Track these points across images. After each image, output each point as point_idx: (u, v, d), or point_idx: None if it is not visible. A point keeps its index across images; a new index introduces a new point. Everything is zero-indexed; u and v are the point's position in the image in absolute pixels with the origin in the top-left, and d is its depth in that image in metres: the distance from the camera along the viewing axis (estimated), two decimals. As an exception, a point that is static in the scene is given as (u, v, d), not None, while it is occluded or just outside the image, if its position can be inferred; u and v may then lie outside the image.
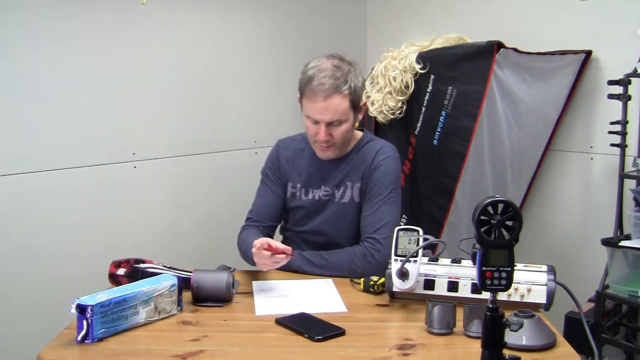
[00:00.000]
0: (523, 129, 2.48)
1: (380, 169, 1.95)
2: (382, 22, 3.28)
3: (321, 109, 1.86)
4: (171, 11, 2.59)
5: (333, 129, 1.89)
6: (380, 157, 1.97)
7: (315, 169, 2.02)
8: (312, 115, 1.89)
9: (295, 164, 2.05)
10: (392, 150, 2.01)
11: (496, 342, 1.18)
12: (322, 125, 1.88)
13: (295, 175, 2.04)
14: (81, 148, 2.38)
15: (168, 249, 2.61)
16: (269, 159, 2.10)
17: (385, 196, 1.93)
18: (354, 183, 1.98)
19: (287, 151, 2.08)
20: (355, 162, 1.99)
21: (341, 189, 1.99)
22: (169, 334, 1.48)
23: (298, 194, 2.03)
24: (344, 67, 1.89)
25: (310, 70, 1.90)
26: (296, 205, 2.04)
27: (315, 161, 2.02)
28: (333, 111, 1.86)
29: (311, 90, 1.87)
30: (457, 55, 2.41)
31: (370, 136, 2.08)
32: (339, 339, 1.43)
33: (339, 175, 2.00)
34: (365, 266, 1.83)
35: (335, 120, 1.88)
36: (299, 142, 2.09)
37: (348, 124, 1.91)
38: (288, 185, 2.05)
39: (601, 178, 2.53)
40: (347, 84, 1.87)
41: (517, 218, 1.18)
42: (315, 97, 1.86)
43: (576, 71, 2.49)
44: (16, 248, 2.23)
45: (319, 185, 2.01)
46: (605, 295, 2.22)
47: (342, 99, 1.87)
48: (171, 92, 2.64)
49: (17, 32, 2.18)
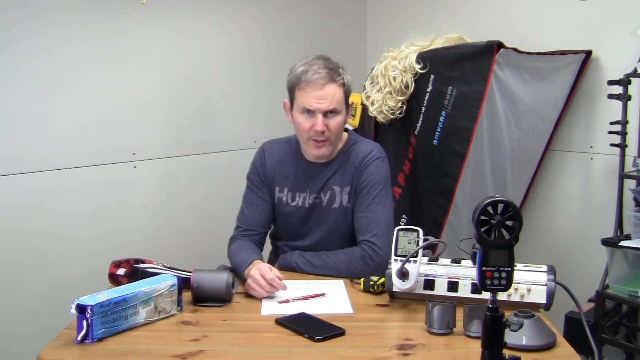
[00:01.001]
0: (523, 129, 2.48)
1: (369, 169, 1.94)
2: (382, 22, 3.28)
3: (319, 96, 1.85)
4: (171, 11, 2.59)
5: (329, 121, 1.87)
6: (368, 159, 1.95)
7: (302, 172, 2.00)
8: (309, 105, 1.86)
9: (280, 167, 2.01)
10: (379, 151, 1.98)
11: (496, 342, 1.17)
12: (318, 116, 1.86)
13: (282, 179, 2.01)
14: (81, 148, 2.38)
15: (168, 249, 2.61)
16: (254, 164, 2.05)
17: (375, 196, 1.91)
18: (342, 187, 1.96)
19: (272, 154, 2.03)
20: (342, 165, 1.97)
21: (328, 192, 1.97)
22: (169, 334, 1.48)
23: (285, 199, 2.00)
24: (333, 63, 1.91)
25: (300, 67, 1.90)
26: (284, 211, 2.01)
27: (301, 164, 2.00)
28: (330, 99, 1.86)
29: (306, 81, 1.86)
30: (457, 55, 2.40)
31: (356, 137, 2.04)
32: (339, 339, 1.43)
33: (325, 178, 1.97)
34: (363, 268, 1.83)
35: (332, 110, 1.87)
36: (284, 144, 2.05)
37: (342, 117, 1.90)
38: (275, 189, 2.01)
39: (601, 178, 2.53)
40: (340, 76, 1.89)
41: (517, 218, 1.17)
42: (312, 86, 1.85)
43: (576, 71, 2.49)
44: (16, 248, 2.23)
45: (305, 189, 1.99)
46: (605, 295, 2.22)
47: (338, 87, 1.88)
48: (171, 92, 2.64)
49: (17, 32, 2.18)
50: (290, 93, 1.93)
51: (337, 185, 1.96)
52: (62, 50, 2.30)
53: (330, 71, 1.87)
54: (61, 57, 2.30)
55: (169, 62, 2.61)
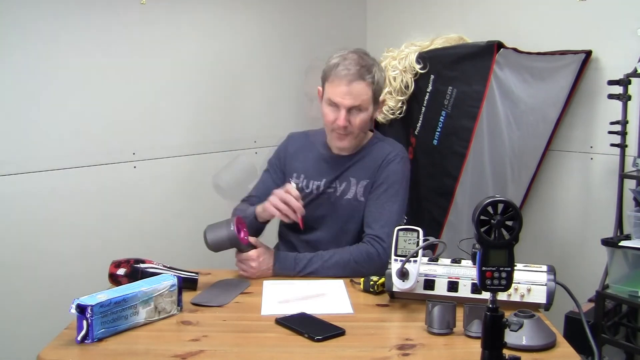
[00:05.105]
0: (523, 129, 2.48)
1: (390, 167, 1.96)
2: (382, 22, 3.28)
3: (344, 92, 1.89)
4: (170, 12, 2.59)
5: (352, 116, 1.91)
6: (391, 157, 1.98)
7: (321, 161, 2.04)
8: (334, 99, 1.90)
9: (301, 155, 2.08)
10: (402, 151, 2.03)
11: (496, 342, 1.17)
12: (342, 110, 1.90)
13: (299, 165, 2.06)
14: (81, 148, 2.38)
15: (168, 248, 2.61)
16: (277, 150, 2.15)
17: (390, 194, 1.93)
18: (359, 180, 1.98)
19: (296, 142, 2.12)
20: (363, 160, 2.00)
21: (343, 183, 2.00)
22: (169, 334, 1.47)
23: (301, 185, 2.03)
24: (368, 60, 1.94)
25: (335, 59, 1.94)
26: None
27: (322, 155, 2.05)
28: (355, 96, 1.89)
29: (335, 75, 1.90)
30: (457, 55, 2.41)
31: (381, 137, 2.09)
32: (339, 339, 1.43)
33: (343, 169, 2.00)
34: (370, 265, 1.82)
35: (356, 107, 1.90)
36: (308, 134, 2.14)
37: (367, 115, 1.93)
38: (292, 175, 2.05)
39: (601, 178, 2.53)
40: (371, 74, 1.91)
41: (517, 218, 1.17)
42: (339, 81, 1.89)
43: (576, 71, 2.49)
44: (16, 248, 2.23)
45: (321, 177, 2.02)
46: (605, 295, 2.22)
47: (366, 86, 1.90)
48: (171, 92, 2.64)
49: (17, 32, 2.18)
50: (322, 81, 1.98)
51: (354, 177, 1.99)
52: (62, 50, 2.30)
53: (361, 68, 1.89)
54: (61, 57, 2.29)
55: (168, 63, 2.61)
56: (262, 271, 1.84)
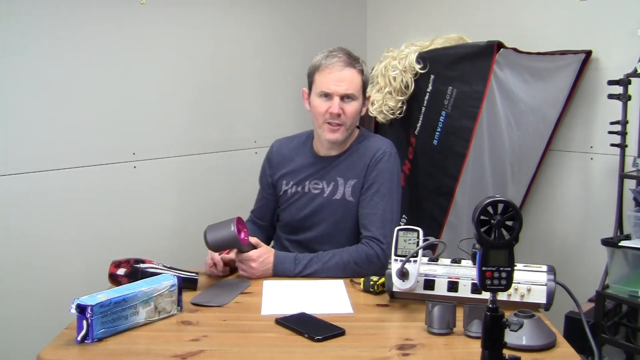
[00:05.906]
0: (523, 129, 2.48)
1: (379, 166, 1.96)
2: (382, 22, 3.28)
3: (337, 79, 1.92)
4: (170, 12, 2.59)
5: (345, 105, 1.93)
6: (379, 155, 1.97)
7: (307, 164, 2.05)
8: (327, 88, 1.92)
9: (286, 161, 2.08)
10: (390, 147, 2.01)
11: (496, 342, 1.18)
12: (335, 98, 1.92)
13: (286, 172, 2.07)
14: (81, 148, 2.38)
15: (168, 248, 2.61)
16: (262, 167, 2.17)
17: (385, 193, 1.93)
18: (346, 180, 1.98)
19: (280, 150, 2.12)
20: (350, 159, 2.00)
21: (331, 184, 2.00)
22: (169, 334, 1.47)
23: (289, 191, 2.05)
24: (354, 54, 1.99)
25: (321, 54, 1.98)
26: (286, 199, 2.06)
27: (308, 157, 2.05)
28: (349, 83, 1.92)
29: (326, 64, 1.94)
30: (457, 55, 2.41)
31: (367, 133, 2.09)
32: (339, 339, 1.43)
33: (332, 171, 2.01)
34: (369, 267, 1.83)
35: (349, 95, 1.92)
36: (292, 139, 2.14)
37: (358, 104, 1.96)
38: (282, 184, 2.07)
39: (601, 178, 2.53)
40: (359, 64, 1.97)
41: (517, 218, 1.17)
42: (331, 69, 1.92)
43: (576, 71, 2.49)
44: (16, 248, 2.23)
45: (310, 179, 2.03)
46: (605, 295, 2.22)
47: (357, 73, 1.95)
48: (171, 92, 2.64)
49: (17, 32, 2.18)
50: (309, 78, 2.00)
51: (341, 177, 1.99)
52: (62, 49, 2.29)
53: (350, 57, 1.95)
54: (61, 57, 2.29)
55: (168, 62, 2.61)
56: (262, 271, 1.84)
